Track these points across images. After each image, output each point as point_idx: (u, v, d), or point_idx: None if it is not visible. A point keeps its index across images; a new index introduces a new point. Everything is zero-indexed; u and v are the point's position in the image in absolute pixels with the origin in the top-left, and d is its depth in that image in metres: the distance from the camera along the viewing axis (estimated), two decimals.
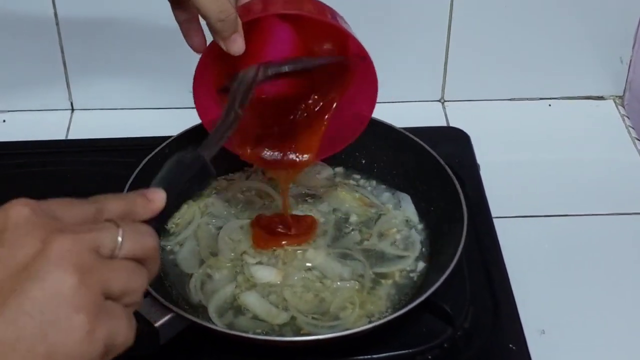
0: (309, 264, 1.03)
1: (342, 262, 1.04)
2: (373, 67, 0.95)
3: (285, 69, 0.95)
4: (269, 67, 0.94)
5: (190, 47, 0.92)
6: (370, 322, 0.96)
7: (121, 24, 1.29)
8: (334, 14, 0.93)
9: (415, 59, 1.36)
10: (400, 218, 1.10)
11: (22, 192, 1.17)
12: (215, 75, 0.95)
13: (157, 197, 0.69)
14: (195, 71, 0.93)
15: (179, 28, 0.92)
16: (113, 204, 0.66)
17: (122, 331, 0.62)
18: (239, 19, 0.86)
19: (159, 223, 0.69)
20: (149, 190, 0.69)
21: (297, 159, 1.01)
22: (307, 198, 1.14)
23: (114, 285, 0.61)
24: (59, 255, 0.58)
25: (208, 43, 0.91)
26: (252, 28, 0.89)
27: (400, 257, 1.05)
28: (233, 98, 0.89)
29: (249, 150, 1.00)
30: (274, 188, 1.14)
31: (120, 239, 0.62)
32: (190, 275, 1.03)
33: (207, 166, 0.78)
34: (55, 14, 1.28)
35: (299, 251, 1.05)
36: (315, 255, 1.04)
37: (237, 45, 0.87)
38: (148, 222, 0.67)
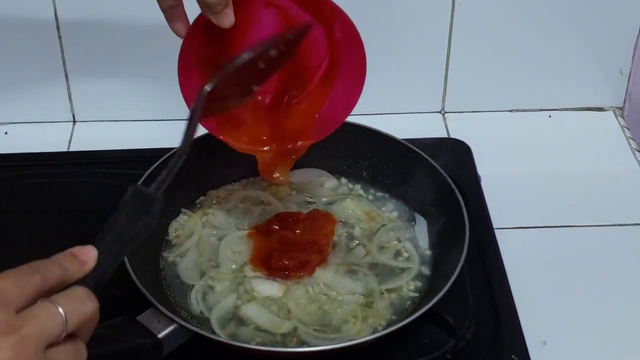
0: (316, 282, 1.03)
1: (352, 278, 1.04)
2: (361, 42, 0.96)
3: (239, 62, 0.93)
4: (215, 76, 0.93)
5: (175, 31, 0.94)
6: (373, 333, 0.96)
7: (123, 36, 1.29)
8: None
9: (415, 71, 1.36)
10: (407, 236, 1.10)
11: (23, 203, 1.19)
12: (199, 57, 0.97)
13: (89, 257, 0.70)
14: (179, 55, 0.96)
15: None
16: (52, 272, 0.67)
17: None
18: None
19: (100, 274, 0.71)
20: (79, 250, 0.71)
21: (295, 145, 1.03)
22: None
23: None
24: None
25: None
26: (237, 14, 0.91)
27: (403, 269, 1.05)
28: (187, 125, 0.90)
29: (246, 145, 1.02)
30: (273, 195, 1.15)
31: (64, 318, 0.64)
32: (192, 287, 1.03)
33: (149, 197, 0.78)
34: (58, 27, 1.29)
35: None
36: (323, 274, 1.04)
37: (228, 18, 0.90)
38: (86, 279, 0.69)
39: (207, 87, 0.91)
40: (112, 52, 1.32)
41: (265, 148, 1.05)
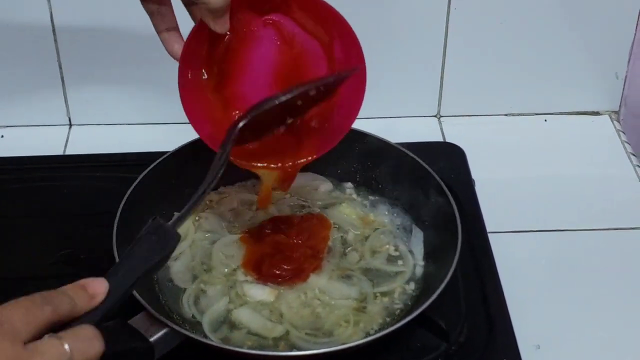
0: (310, 288, 1.03)
1: (347, 283, 1.04)
2: (362, 58, 0.96)
3: (265, 108, 0.92)
4: (240, 121, 0.92)
5: (171, 54, 0.96)
6: (365, 337, 0.96)
7: (119, 40, 1.30)
8: None
9: (411, 75, 1.36)
10: (399, 239, 1.10)
11: (20, 207, 1.19)
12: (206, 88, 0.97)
13: (99, 291, 0.71)
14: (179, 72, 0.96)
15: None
16: (62, 303, 0.67)
17: None
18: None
19: (111, 304, 0.71)
20: (90, 282, 0.71)
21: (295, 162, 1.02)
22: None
23: None
24: None
25: None
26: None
27: (397, 273, 1.05)
28: (211, 172, 0.89)
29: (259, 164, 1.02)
30: None
31: (69, 358, 0.64)
32: (184, 290, 1.03)
33: (168, 232, 0.78)
34: (54, 30, 1.29)
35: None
36: (317, 280, 1.04)
37: (225, 24, 0.92)
38: (95, 310, 0.69)
39: (240, 124, 0.90)
40: (108, 56, 1.32)
41: (277, 165, 1.03)
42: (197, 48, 0.96)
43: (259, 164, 1.02)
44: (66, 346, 0.64)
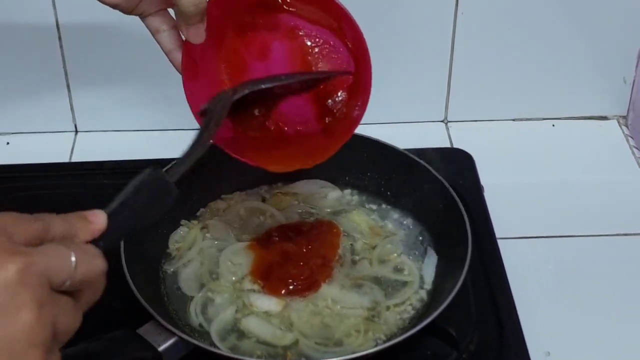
0: (322, 297, 1.02)
1: (358, 292, 1.03)
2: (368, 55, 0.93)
3: (261, 86, 0.94)
4: (246, 86, 0.93)
5: (178, 70, 0.95)
6: (375, 346, 0.96)
7: (125, 47, 1.29)
8: None
9: (418, 80, 1.36)
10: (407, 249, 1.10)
11: (26, 214, 1.18)
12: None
13: (98, 220, 0.69)
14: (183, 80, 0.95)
15: None
16: (56, 223, 0.65)
17: None
18: (205, 9, 0.87)
19: (110, 243, 0.69)
20: (89, 213, 0.69)
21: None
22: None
23: (60, 325, 0.61)
24: (16, 285, 0.57)
25: None
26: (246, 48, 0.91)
27: (405, 283, 1.05)
28: (208, 120, 0.89)
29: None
30: (274, 206, 1.14)
31: (73, 264, 0.62)
32: (191, 298, 1.03)
33: (167, 185, 0.77)
34: (59, 37, 1.29)
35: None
36: (329, 289, 1.03)
37: (200, 34, 0.89)
38: (96, 243, 0.67)
39: (234, 95, 0.91)
40: (114, 63, 1.32)
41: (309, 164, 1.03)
42: (200, 59, 0.95)
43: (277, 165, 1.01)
44: (72, 256, 0.62)
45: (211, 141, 0.86)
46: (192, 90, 0.95)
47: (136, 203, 0.73)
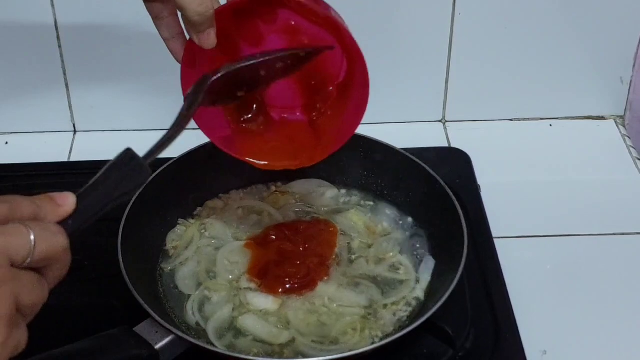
0: (319, 296, 1.03)
1: (355, 291, 1.03)
2: (363, 61, 0.93)
3: (240, 65, 0.94)
4: (224, 68, 0.93)
5: (178, 61, 0.94)
6: (371, 344, 0.96)
7: (124, 47, 1.30)
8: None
9: (416, 80, 1.36)
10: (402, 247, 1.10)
11: None
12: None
13: (66, 202, 0.69)
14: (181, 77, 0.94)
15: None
16: (23, 204, 0.66)
17: (23, 341, 0.64)
18: (214, 14, 0.87)
19: (80, 223, 0.70)
20: (58, 195, 0.70)
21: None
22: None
23: (23, 300, 0.62)
24: None
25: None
26: (242, 37, 0.91)
27: (402, 281, 1.05)
28: (186, 103, 0.89)
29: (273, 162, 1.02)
30: (271, 205, 1.15)
31: (32, 242, 0.63)
32: (188, 297, 1.03)
33: (139, 165, 0.77)
34: (58, 37, 1.29)
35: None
36: (326, 288, 1.03)
37: (210, 39, 0.89)
38: (64, 223, 0.68)
39: (213, 76, 0.91)
40: (113, 62, 1.32)
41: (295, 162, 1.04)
42: (198, 51, 0.95)
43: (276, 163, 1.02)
44: (31, 235, 0.63)
45: (187, 123, 0.87)
46: (188, 79, 0.95)
47: (107, 183, 0.74)
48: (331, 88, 1.00)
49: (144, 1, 0.92)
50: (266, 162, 1.01)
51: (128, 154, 0.77)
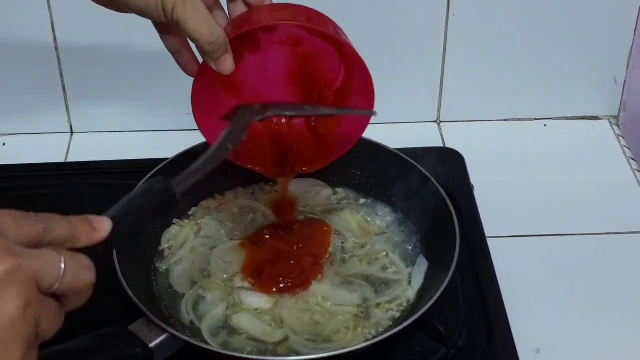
0: (313, 295, 1.03)
1: (348, 289, 1.04)
2: (367, 72, 0.95)
3: (286, 113, 0.98)
4: (269, 110, 0.96)
5: (187, 74, 0.94)
6: (364, 342, 0.96)
7: (119, 49, 1.30)
8: (324, 21, 0.93)
9: (411, 80, 1.37)
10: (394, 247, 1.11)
11: None
12: (212, 93, 0.97)
13: (102, 227, 0.69)
14: (192, 93, 0.93)
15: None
16: (59, 226, 0.66)
17: None
18: (227, 40, 0.87)
19: (108, 249, 0.70)
20: (95, 218, 0.69)
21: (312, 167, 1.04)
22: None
23: (43, 325, 0.62)
24: (4, 282, 0.59)
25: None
26: (243, 45, 0.91)
27: (395, 280, 1.05)
28: (227, 134, 0.90)
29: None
30: (264, 204, 1.15)
31: (62, 272, 0.63)
32: (182, 296, 1.03)
33: (173, 198, 0.78)
34: (55, 38, 1.29)
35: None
36: (320, 287, 1.04)
37: (227, 65, 0.89)
38: (94, 246, 0.68)
39: (257, 116, 0.94)
40: (109, 64, 1.33)
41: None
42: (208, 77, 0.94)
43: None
44: (62, 262, 0.63)
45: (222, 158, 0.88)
46: (199, 93, 0.95)
47: (140, 212, 0.74)
48: (327, 93, 1.01)
49: (160, 36, 0.92)
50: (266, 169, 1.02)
51: (165, 184, 0.78)
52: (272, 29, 0.93)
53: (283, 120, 1.02)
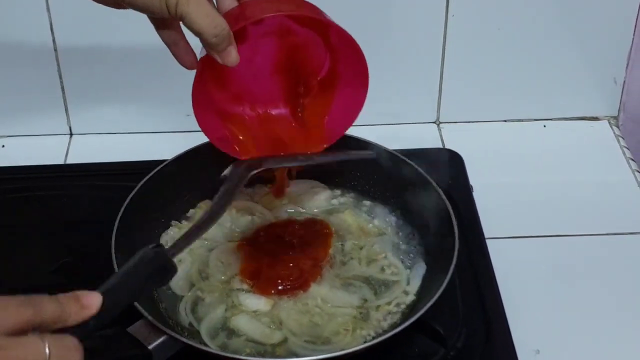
0: (312, 297, 1.03)
1: (348, 291, 1.04)
2: (363, 57, 0.95)
3: (283, 165, 1.01)
4: (254, 168, 0.97)
5: (183, 66, 0.94)
6: (363, 343, 0.96)
7: (118, 50, 1.30)
8: (313, 8, 0.93)
9: (410, 81, 1.37)
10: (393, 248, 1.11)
11: (20, 216, 1.19)
12: (212, 89, 0.98)
13: (92, 303, 0.70)
14: (192, 90, 0.93)
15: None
16: (47, 308, 0.66)
17: None
18: (231, 32, 0.87)
19: (101, 322, 0.70)
20: (84, 295, 0.70)
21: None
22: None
23: None
24: None
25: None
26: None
27: (394, 282, 1.05)
28: (218, 198, 0.91)
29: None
30: (264, 205, 1.15)
31: (47, 356, 0.64)
32: (181, 298, 1.03)
33: (168, 264, 0.79)
34: (54, 40, 1.29)
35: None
36: (319, 289, 1.04)
37: (232, 56, 0.88)
38: (85, 325, 0.69)
39: (251, 170, 0.95)
40: (108, 66, 1.33)
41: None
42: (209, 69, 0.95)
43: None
44: (47, 348, 0.64)
45: (221, 215, 0.90)
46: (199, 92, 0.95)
47: (133, 282, 0.75)
48: (312, 81, 1.02)
49: (156, 29, 0.92)
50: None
51: (158, 252, 0.78)
52: (261, 20, 0.93)
53: (272, 112, 1.03)
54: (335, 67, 1.00)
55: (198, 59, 0.92)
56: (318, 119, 1.03)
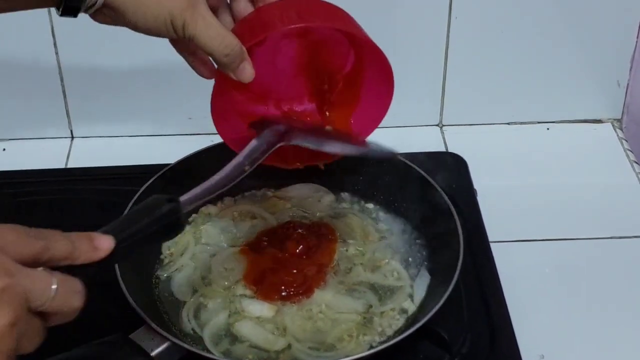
0: (316, 303, 1.02)
1: (352, 297, 1.03)
2: (388, 63, 0.96)
3: (309, 145, 0.98)
4: (292, 138, 0.95)
5: (201, 76, 0.94)
6: (368, 350, 0.96)
7: (121, 52, 1.30)
8: (334, 14, 0.93)
9: (413, 84, 1.36)
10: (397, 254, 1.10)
11: (21, 220, 1.18)
12: (233, 92, 0.97)
13: (103, 246, 0.70)
14: (212, 99, 0.92)
15: (175, 58, 0.93)
16: (59, 244, 0.67)
17: None
18: (243, 48, 0.86)
19: (107, 265, 0.70)
20: (97, 237, 0.70)
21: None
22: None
23: (23, 343, 0.63)
24: None
25: None
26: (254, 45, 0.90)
27: (398, 288, 1.05)
28: (247, 154, 0.90)
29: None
30: (267, 209, 1.15)
31: (52, 294, 0.64)
32: (183, 303, 1.03)
33: (180, 221, 0.78)
34: (55, 43, 1.29)
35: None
36: (323, 295, 1.03)
37: (246, 73, 0.88)
38: (90, 267, 0.69)
39: (283, 141, 0.94)
40: (109, 69, 1.32)
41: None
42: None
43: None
44: (54, 284, 0.64)
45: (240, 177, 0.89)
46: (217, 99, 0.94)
47: (143, 232, 0.75)
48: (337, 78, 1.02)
49: (171, 43, 0.92)
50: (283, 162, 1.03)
51: (173, 206, 0.77)
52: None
53: (298, 109, 1.03)
54: (359, 60, 0.99)
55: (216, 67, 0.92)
56: (344, 120, 1.02)
